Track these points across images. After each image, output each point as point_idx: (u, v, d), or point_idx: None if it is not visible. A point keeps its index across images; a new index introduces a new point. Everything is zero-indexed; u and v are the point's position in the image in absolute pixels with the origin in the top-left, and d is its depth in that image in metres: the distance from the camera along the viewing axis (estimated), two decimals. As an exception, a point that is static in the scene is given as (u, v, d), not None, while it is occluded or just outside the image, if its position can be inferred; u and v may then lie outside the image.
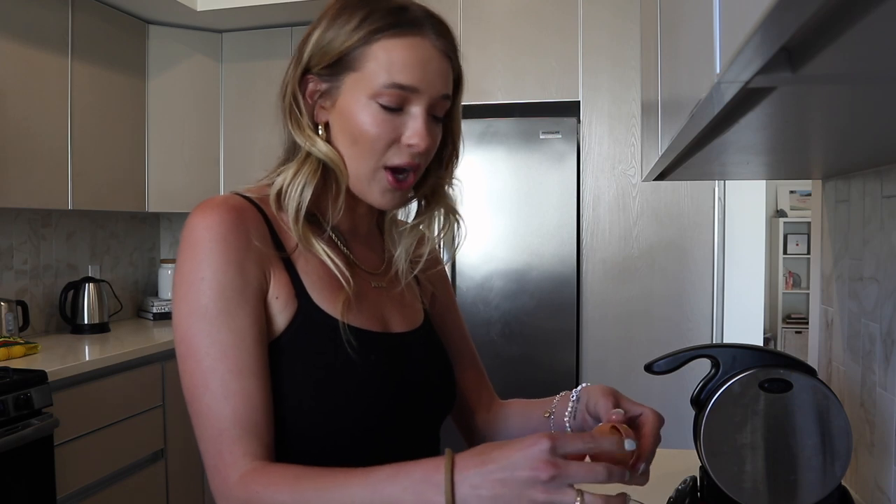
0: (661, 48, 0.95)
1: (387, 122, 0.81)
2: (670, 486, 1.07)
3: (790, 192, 5.77)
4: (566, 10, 2.67)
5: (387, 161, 0.83)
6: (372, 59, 0.80)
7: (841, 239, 1.26)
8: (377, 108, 0.80)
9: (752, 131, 0.61)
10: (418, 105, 0.82)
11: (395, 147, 0.82)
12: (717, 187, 2.57)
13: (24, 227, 2.86)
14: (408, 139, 0.82)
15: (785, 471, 0.92)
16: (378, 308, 0.90)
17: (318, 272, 0.84)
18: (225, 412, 0.74)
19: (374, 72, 0.80)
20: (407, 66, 0.80)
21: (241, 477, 0.72)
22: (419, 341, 0.93)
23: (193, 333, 0.76)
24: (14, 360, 2.31)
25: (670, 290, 2.60)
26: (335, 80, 0.83)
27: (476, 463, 0.65)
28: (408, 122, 0.82)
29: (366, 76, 0.80)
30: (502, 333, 2.64)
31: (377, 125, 0.81)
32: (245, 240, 0.78)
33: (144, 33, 3.18)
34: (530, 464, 0.63)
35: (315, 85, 0.84)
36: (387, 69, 0.80)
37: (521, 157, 2.64)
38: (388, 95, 0.80)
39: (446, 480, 0.65)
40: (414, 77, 0.80)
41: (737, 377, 0.94)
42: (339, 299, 0.83)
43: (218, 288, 0.76)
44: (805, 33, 0.33)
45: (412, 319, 0.94)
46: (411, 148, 0.82)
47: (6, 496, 1.98)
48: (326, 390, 0.80)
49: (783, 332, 5.69)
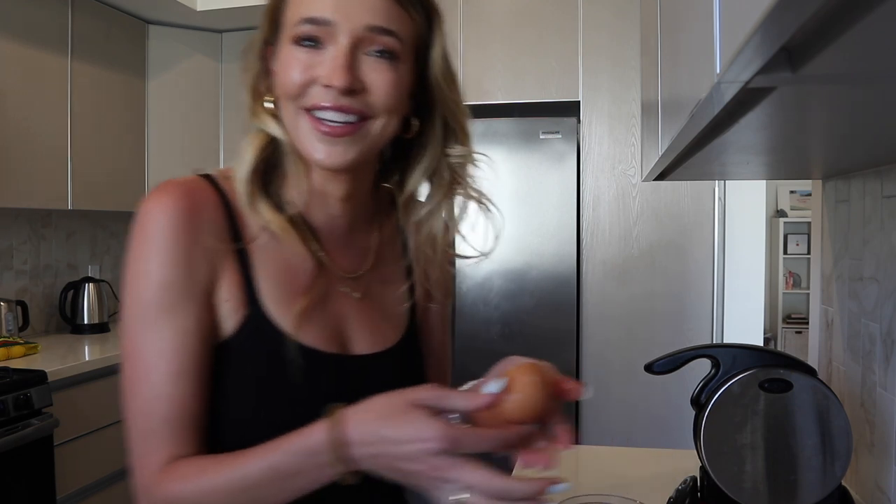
0: (661, 48, 0.95)
1: (301, 60, 0.74)
2: (670, 486, 1.07)
3: (790, 192, 5.77)
4: (566, 10, 2.67)
5: (304, 104, 0.74)
6: (291, 4, 0.75)
7: (841, 239, 1.26)
8: (292, 48, 0.74)
9: (752, 131, 0.61)
10: (337, 40, 0.73)
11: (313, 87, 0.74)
12: (717, 187, 2.57)
13: (24, 227, 2.86)
14: (323, 77, 0.73)
15: (785, 471, 0.92)
16: (340, 322, 0.82)
17: (277, 267, 0.78)
18: (157, 413, 0.71)
19: (290, 14, 0.75)
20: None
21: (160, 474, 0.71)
22: (385, 365, 0.83)
23: (135, 330, 0.72)
24: (14, 360, 2.30)
25: (670, 290, 2.60)
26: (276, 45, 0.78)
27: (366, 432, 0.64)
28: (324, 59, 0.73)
29: (287, 23, 0.75)
30: (502, 333, 2.64)
31: (292, 65, 0.74)
32: (195, 233, 0.73)
33: (144, 33, 3.18)
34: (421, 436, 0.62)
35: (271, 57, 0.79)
36: (298, 6, 0.74)
37: (521, 157, 2.64)
38: (301, 33, 0.73)
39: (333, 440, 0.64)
40: (325, 7, 0.73)
41: (737, 377, 0.94)
42: (295, 308, 0.76)
43: (162, 284, 0.71)
44: (805, 33, 0.33)
45: (383, 337, 0.85)
46: (329, 88, 0.72)
47: (6, 496, 1.98)
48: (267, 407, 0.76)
49: (783, 332, 5.69)
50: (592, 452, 1.66)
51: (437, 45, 0.81)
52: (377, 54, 0.74)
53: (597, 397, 2.64)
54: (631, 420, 2.61)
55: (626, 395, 2.61)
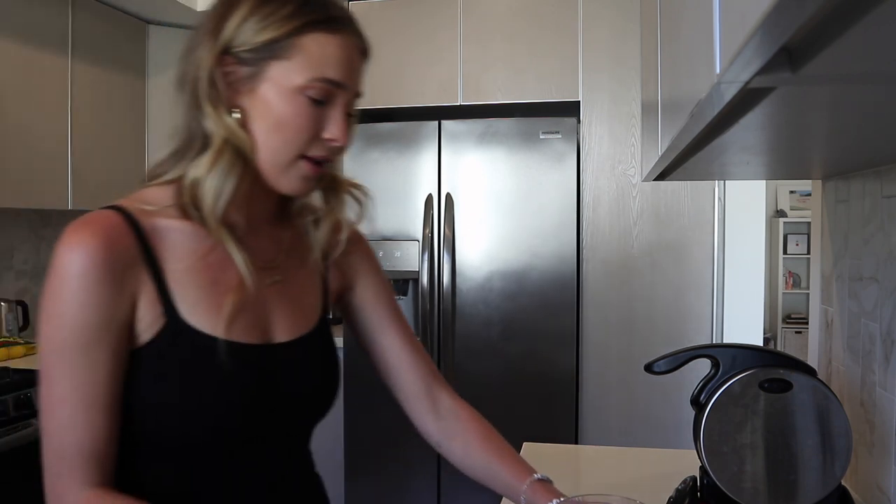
0: (661, 48, 0.95)
1: (311, 115, 0.80)
2: (670, 486, 1.07)
3: (790, 192, 5.77)
4: (566, 9, 2.67)
5: (307, 153, 0.82)
6: (303, 51, 0.79)
7: (841, 239, 1.26)
8: (305, 100, 0.80)
9: (752, 131, 0.61)
10: (341, 101, 0.82)
11: (315, 141, 0.82)
12: (717, 187, 2.57)
13: (24, 227, 2.86)
14: (330, 134, 0.82)
15: (785, 471, 0.92)
16: (264, 313, 0.87)
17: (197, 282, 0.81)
18: (69, 440, 0.75)
19: (304, 64, 0.79)
20: (338, 63, 0.80)
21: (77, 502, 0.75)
22: (301, 351, 0.90)
23: (50, 363, 0.75)
24: (14, 360, 2.31)
25: (670, 290, 2.60)
26: (258, 66, 0.80)
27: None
28: (329, 117, 0.82)
29: (294, 67, 0.79)
30: (502, 333, 2.64)
31: (303, 118, 0.80)
32: (111, 273, 0.75)
33: (144, 33, 3.18)
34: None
35: (232, 67, 0.80)
36: (318, 63, 0.79)
37: (521, 157, 2.64)
38: (316, 89, 0.79)
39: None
40: (342, 74, 0.81)
41: (737, 377, 0.94)
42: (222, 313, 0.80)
43: (77, 326, 0.74)
44: (805, 33, 0.33)
45: (301, 323, 0.91)
46: (331, 143, 0.82)
47: (6, 496, 1.98)
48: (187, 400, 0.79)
49: (783, 332, 5.69)
50: (592, 452, 1.66)
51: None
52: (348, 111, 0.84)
53: (597, 397, 2.64)
54: (631, 420, 2.61)
55: (626, 395, 2.61)
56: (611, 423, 2.63)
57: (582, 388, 2.64)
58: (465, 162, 2.67)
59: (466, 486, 1.08)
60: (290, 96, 0.79)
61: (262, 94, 0.80)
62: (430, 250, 2.67)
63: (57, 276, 0.75)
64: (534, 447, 1.49)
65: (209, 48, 0.80)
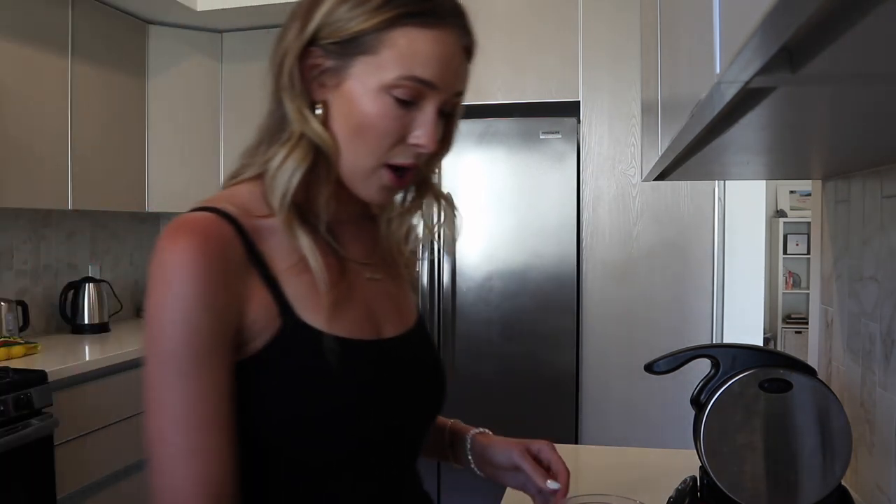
0: (661, 48, 0.95)
1: (398, 117, 0.74)
2: (670, 486, 1.07)
3: (790, 192, 5.76)
4: (566, 9, 2.67)
5: (390, 159, 0.76)
6: (391, 46, 0.72)
7: (841, 239, 1.26)
8: (390, 100, 0.73)
9: (752, 131, 0.61)
10: (432, 103, 0.74)
11: (400, 145, 0.75)
12: (717, 187, 2.57)
13: (24, 227, 2.86)
14: (416, 139, 0.75)
15: (785, 471, 0.92)
16: (371, 308, 0.83)
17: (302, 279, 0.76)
18: (187, 471, 0.67)
19: (392, 60, 0.72)
20: (429, 61, 0.73)
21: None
22: (410, 346, 0.86)
23: (159, 380, 0.68)
24: (14, 360, 2.30)
25: (670, 289, 2.60)
26: (344, 60, 0.74)
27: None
28: (418, 119, 0.75)
29: (381, 63, 0.72)
30: (502, 333, 2.64)
31: (387, 119, 0.73)
32: (221, 274, 0.70)
33: (144, 33, 3.18)
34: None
35: (319, 59, 0.75)
36: (407, 60, 0.72)
37: (521, 157, 2.64)
38: (404, 88, 0.72)
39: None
40: (434, 73, 0.73)
41: (737, 377, 0.94)
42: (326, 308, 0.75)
43: (189, 332, 0.68)
44: (805, 33, 0.33)
45: (406, 318, 0.88)
46: (418, 148, 0.75)
47: (6, 496, 1.98)
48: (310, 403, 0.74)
49: (783, 332, 5.69)
50: (592, 452, 1.66)
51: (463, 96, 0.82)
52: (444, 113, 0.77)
53: (597, 397, 2.64)
54: (631, 420, 2.61)
55: (626, 395, 2.61)
56: (611, 423, 2.63)
57: (582, 388, 2.64)
58: (465, 162, 2.67)
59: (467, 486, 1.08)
60: (375, 95, 0.73)
61: (346, 92, 0.74)
62: (430, 250, 2.67)
63: (162, 280, 0.68)
64: (534, 447, 1.49)
65: (296, 36, 0.75)
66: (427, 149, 0.75)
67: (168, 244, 0.69)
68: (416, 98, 0.74)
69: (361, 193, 0.79)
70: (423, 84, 0.73)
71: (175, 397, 0.68)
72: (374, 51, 0.73)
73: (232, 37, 3.34)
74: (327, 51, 0.74)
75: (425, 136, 0.75)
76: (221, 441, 0.69)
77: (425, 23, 0.73)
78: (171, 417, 0.68)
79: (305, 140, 0.75)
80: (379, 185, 0.78)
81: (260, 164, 0.79)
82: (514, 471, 0.92)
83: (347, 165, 0.77)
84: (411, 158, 0.76)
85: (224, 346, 0.70)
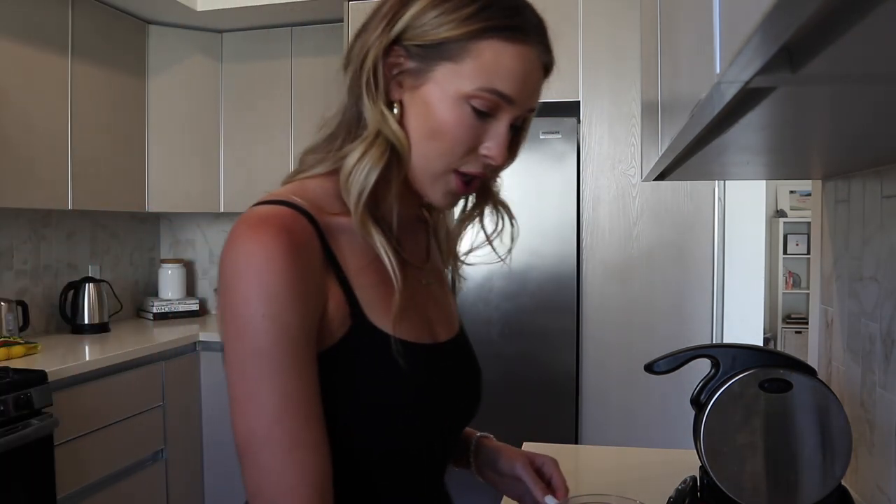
0: (661, 48, 0.95)
1: (473, 127, 0.74)
2: (670, 486, 1.07)
3: (790, 192, 5.77)
4: (566, 9, 2.67)
5: (460, 166, 0.77)
6: (476, 57, 0.72)
7: (841, 239, 1.26)
8: (468, 109, 0.74)
9: (752, 131, 0.61)
10: (507, 117, 0.76)
11: (471, 154, 0.76)
12: (717, 187, 2.57)
13: (24, 227, 2.86)
14: (487, 150, 0.76)
15: (785, 471, 0.92)
16: (426, 313, 0.84)
17: (370, 277, 0.76)
18: (293, 466, 0.66)
19: (475, 71, 0.73)
20: (511, 75, 0.73)
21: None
22: (459, 351, 0.88)
23: (254, 377, 0.67)
24: (14, 360, 2.31)
25: (670, 289, 2.60)
26: (427, 63, 0.74)
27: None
28: (491, 131, 0.76)
29: (463, 72, 0.73)
30: (502, 333, 2.64)
31: (462, 128, 0.74)
32: (307, 269, 0.70)
33: (144, 33, 3.18)
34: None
35: (400, 59, 0.75)
36: (490, 72, 0.73)
37: (521, 157, 2.63)
38: (483, 99, 0.73)
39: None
40: (514, 88, 0.74)
41: (737, 377, 0.94)
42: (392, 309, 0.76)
43: (282, 326, 0.67)
44: (805, 33, 0.33)
45: (453, 323, 0.89)
46: (488, 159, 0.77)
47: (6, 496, 1.98)
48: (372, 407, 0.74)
49: (783, 332, 5.69)
50: (592, 452, 1.66)
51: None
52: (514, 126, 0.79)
53: (597, 397, 2.64)
54: (631, 420, 2.61)
55: (626, 395, 2.61)
56: (611, 423, 2.63)
57: (582, 388, 2.64)
58: (465, 162, 2.66)
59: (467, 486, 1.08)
60: (454, 103, 0.74)
61: (424, 95, 0.75)
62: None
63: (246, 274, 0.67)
64: (534, 447, 1.49)
65: (381, 34, 0.75)
66: (496, 162, 0.77)
67: (251, 237, 0.68)
68: (492, 110, 0.75)
69: (429, 196, 0.80)
70: (501, 98, 0.74)
71: (273, 393, 0.67)
72: (459, 59, 0.73)
73: (232, 37, 3.34)
74: (410, 52, 0.75)
75: (496, 148, 0.76)
76: (320, 433, 0.69)
77: (511, 38, 0.73)
78: (270, 413, 0.66)
79: (382, 138, 0.75)
80: (446, 189, 0.79)
81: (333, 160, 0.79)
82: (515, 480, 0.93)
83: (418, 167, 0.77)
84: (480, 168, 0.78)
85: (313, 340, 0.70)
